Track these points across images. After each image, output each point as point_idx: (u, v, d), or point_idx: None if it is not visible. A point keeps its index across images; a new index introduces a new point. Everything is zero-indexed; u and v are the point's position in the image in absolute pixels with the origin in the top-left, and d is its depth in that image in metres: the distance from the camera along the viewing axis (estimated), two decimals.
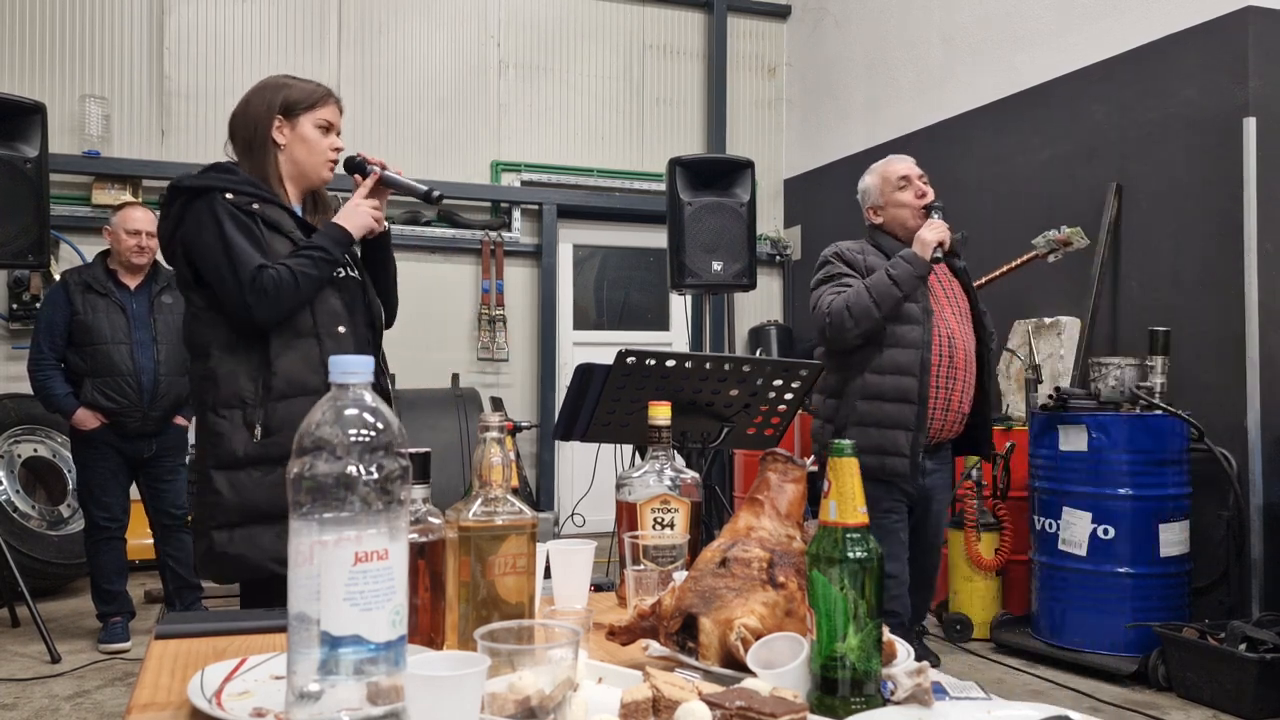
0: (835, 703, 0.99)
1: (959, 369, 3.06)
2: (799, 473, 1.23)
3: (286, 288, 1.98)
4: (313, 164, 2.13)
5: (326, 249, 2.05)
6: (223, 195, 2.01)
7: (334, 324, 2.07)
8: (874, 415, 3.01)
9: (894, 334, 2.99)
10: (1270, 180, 4.06)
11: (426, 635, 1.17)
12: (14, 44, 5.77)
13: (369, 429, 0.81)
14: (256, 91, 2.14)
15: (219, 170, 2.09)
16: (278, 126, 2.10)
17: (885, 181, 3.16)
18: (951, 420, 3.09)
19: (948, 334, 3.04)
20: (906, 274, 2.95)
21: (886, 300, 2.94)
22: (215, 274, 2.00)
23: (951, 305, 3.11)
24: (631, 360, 2.40)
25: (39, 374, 4.04)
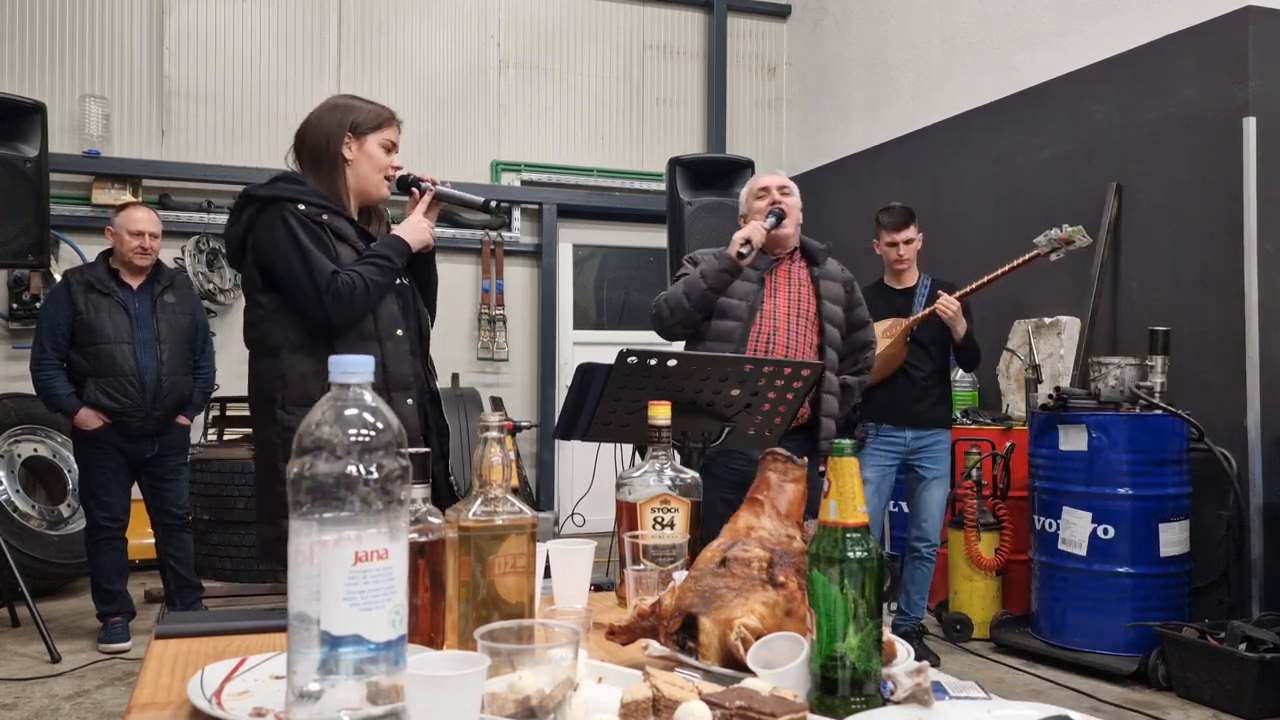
0: (835, 702, 0.99)
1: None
2: (799, 472, 1.23)
3: (359, 292, 2.14)
4: (375, 181, 2.28)
5: (390, 258, 2.21)
6: (295, 205, 2.15)
7: (393, 327, 2.22)
8: None
9: (714, 328, 3.12)
10: (1270, 180, 4.06)
11: (426, 635, 1.17)
12: (14, 44, 5.77)
13: (369, 429, 0.81)
14: (329, 110, 2.28)
15: (288, 181, 2.21)
16: (347, 143, 2.24)
17: (749, 192, 3.34)
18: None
19: (769, 331, 3.13)
20: (711, 267, 3.10)
21: (694, 291, 3.09)
22: (290, 279, 2.14)
23: (790, 305, 3.19)
24: (633, 360, 2.40)
25: (41, 374, 4.04)
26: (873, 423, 4.17)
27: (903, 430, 4.13)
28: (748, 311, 3.12)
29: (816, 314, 3.22)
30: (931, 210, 5.86)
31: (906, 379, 4.10)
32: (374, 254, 2.20)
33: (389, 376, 2.19)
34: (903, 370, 4.10)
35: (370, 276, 2.16)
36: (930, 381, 4.12)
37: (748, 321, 3.10)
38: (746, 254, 3.07)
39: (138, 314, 4.11)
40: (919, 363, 4.09)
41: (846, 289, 3.30)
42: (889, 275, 4.30)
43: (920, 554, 4.17)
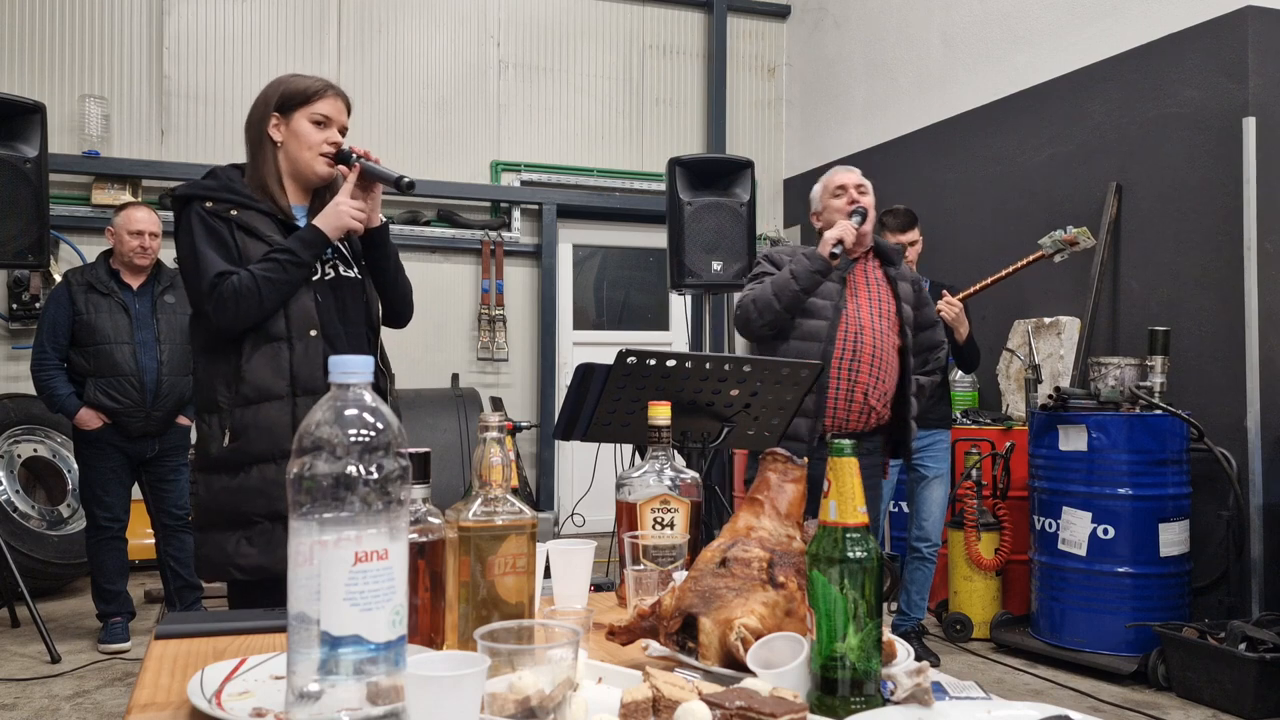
0: (835, 703, 0.99)
1: (864, 363, 3.14)
2: (799, 472, 1.23)
3: (247, 295, 1.97)
4: (305, 159, 2.10)
5: (295, 252, 2.02)
6: (201, 203, 2.04)
7: (307, 327, 2.05)
8: None
9: (801, 327, 3.14)
10: (1270, 180, 4.06)
11: (426, 635, 1.17)
12: (14, 44, 5.77)
13: (369, 429, 0.81)
14: (262, 92, 2.15)
15: (208, 177, 2.11)
16: (274, 124, 2.10)
17: (825, 189, 3.33)
18: (856, 411, 3.16)
19: (855, 330, 3.14)
20: (803, 268, 3.10)
21: (784, 292, 3.10)
22: (186, 281, 2.05)
23: (872, 305, 3.22)
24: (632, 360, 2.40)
25: (42, 374, 4.04)
26: None
27: None
28: (833, 312, 3.13)
29: (896, 314, 3.25)
30: (931, 211, 5.86)
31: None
32: (277, 249, 2.02)
33: (296, 381, 2.01)
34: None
35: (266, 275, 1.98)
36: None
37: (834, 322, 3.12)
38: (839, 254, 3.07)
39: (138, 314, 4.11)
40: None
41: (915, 289, 3.34)
42: None
43: (921, 554, 4.17)
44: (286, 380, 2.02)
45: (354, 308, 2.15)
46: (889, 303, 3.27)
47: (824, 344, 3.11)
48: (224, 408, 2.01)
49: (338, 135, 2.13)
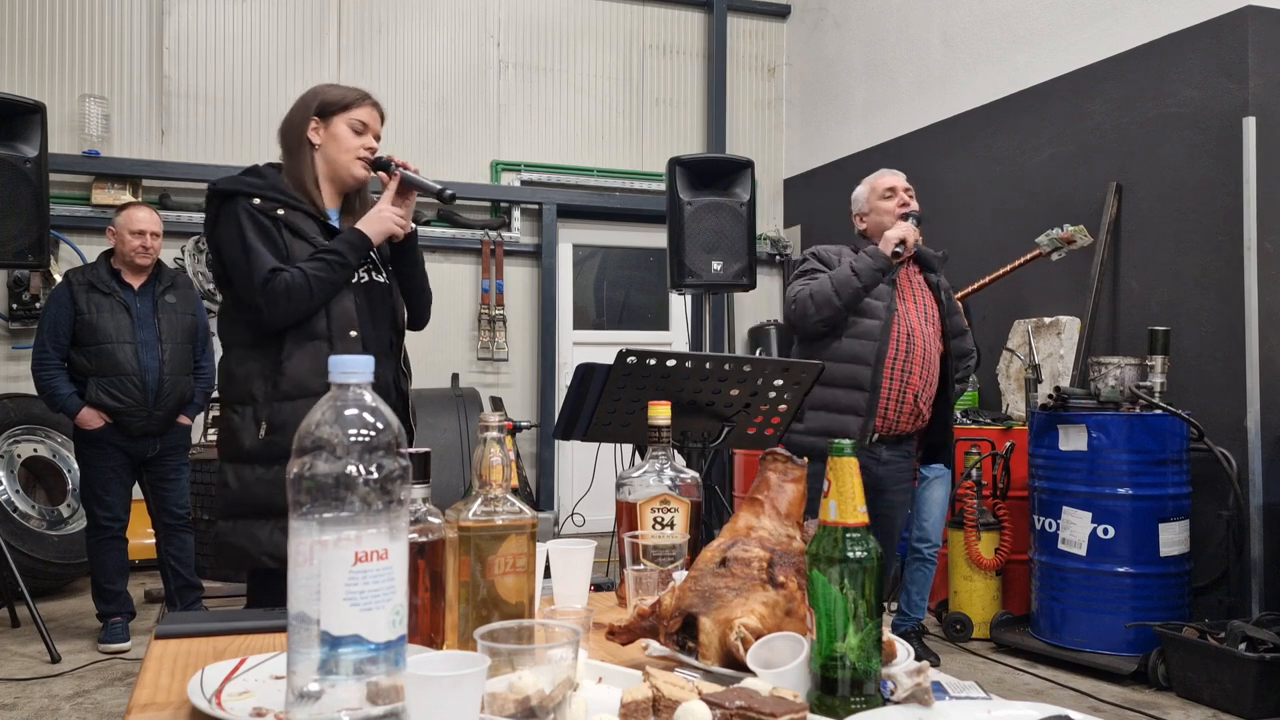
0: (835, 702, 0.99)
1: (915, 365, 3.20)
2: (799, 472, 1.23)
3: (298, 291, 2.04)
4: (343, 162, 2.19)
5: (342, 253, 2.10)
6: (249, 200, 2.10)
7: (346, 327, 2.12)
8: (826, 400, 3.15)
9: (855, 325, 3.16)
10: (1270, 180, 4.06)
11: (426, 635, 1.17)
12: (14, 44, 5.77)
13: (369, 429, 0.81)
14: (300, 98, 2.24)
15: (251, 174, 2.18)
16: (313, 128, 2.19)
17: (873, 191, 3.34)
18: (906, 413, 3.22)
19: (907, 331, 3.19)
20: (865, 266, 3.11)
21: (845, 289, 3.10)
22: (236, 275, 2.10)
23: (919, 310, 3.28)
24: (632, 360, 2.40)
25: (43, 374, 4.04)
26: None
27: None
28: (886, 312, 3.17)
29: (939, 319, 3.32)
30: (931, 210, 5.84)
31: None
32: (325, 249, 2.10)
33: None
34: None
35: (315, 273, 2.06)
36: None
37: (887, 322, 3.16)
38: (902, 254, 3.11)
39: (139, 314, 4.11)
40: None
41: (947, 296, 3.40)
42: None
43: (921, 554, 4.17)
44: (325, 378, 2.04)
45: (381, 311, 2.24)
46: (932, 308, 3.32)
47: (878, 343, 3.14)
48: (260, 401, 2.08)
49: (374, 141, 2.24)
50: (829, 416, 3.17)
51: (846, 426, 3.13)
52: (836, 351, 3.18)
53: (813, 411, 3.16)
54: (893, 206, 3.28)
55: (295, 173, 2.19)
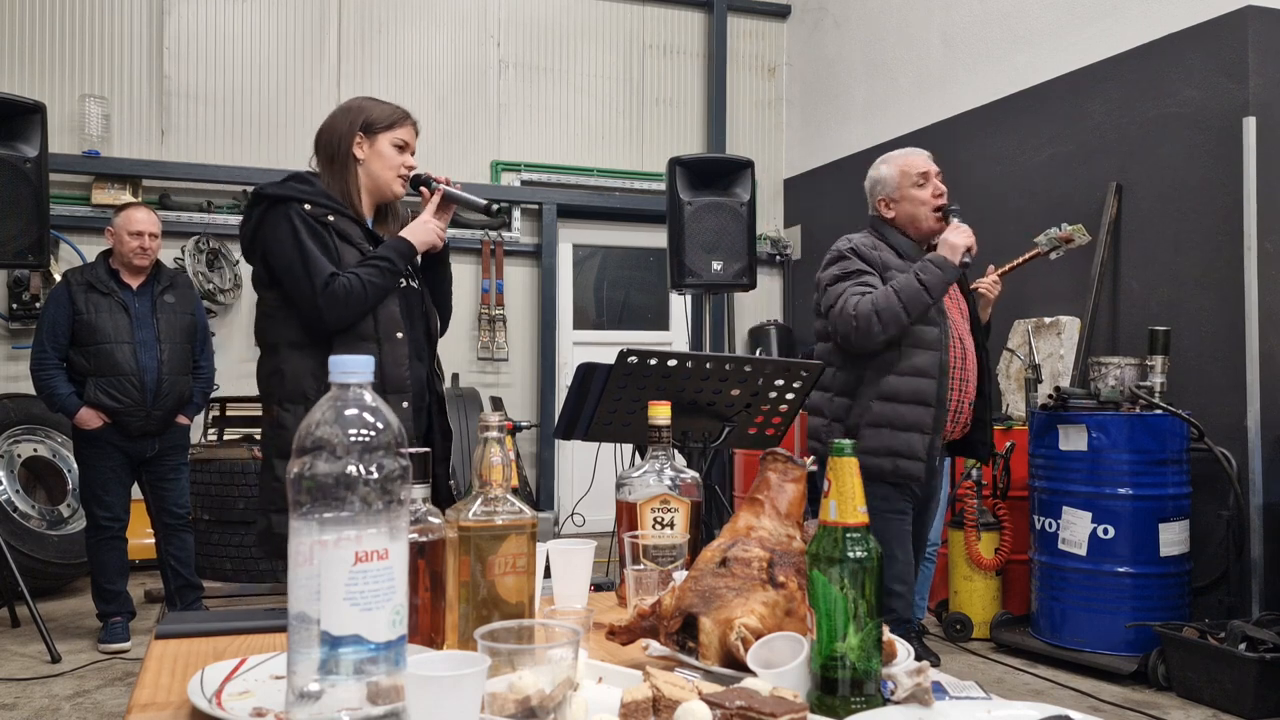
0: (835, 702, 0.99)
1: (969, 370, 3.04)
2: (799, 472, 1.23)
3: (355, 295, 2.15)
4: (387, 179, 2.31)
5: (392, 260, 2.22)
6: (301, 205, 2.19)
7: (393, 330, 2.23)
8: (889, 417, 2.94)
9: (913, 335, 2.93)
10: (1270, 180, 4.06)
11: (426, 635, 1.17)
12: (14, 44, 5.77)
13: (369, 429, 0.81)
14: (343, 110, 2.32)
15: (299, 181, 2.25)
16: (358, 143, 2.28)
17: (904, 175, 3.08)
18: (960, 422, 3.07)
19: (958, 335, 3.01)
20: (937, 280, 2.87)
21: (916, 306, 2.87)
22: (290, 278, 2.17)
23: (956, 307, 3.09)
24: (633, 360, 2.40)
25: (42, 373, 4.04)
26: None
27: None
28: (939, 316, 2.96)
29: (971, 314, 3.13)
30: None
31: None
32: (377, 256, 2.22)
33: (385, 379, 2.22)
34: None
35: (369, 279, 2.18)
36: None
37: (942, 328, 2.96)
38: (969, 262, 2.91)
39: (138, 314, 4.11)
40: None
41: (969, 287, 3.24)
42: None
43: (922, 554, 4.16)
44: (379, 379, 2.21)
45: (418, 316, 2.35)
46: (962, 302, 3.14)
47: (940, 353, 2.93)
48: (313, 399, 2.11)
49: (412, 159, 2.36)
50: (892, 435, 2.94)
51: (911, 445, 2.92)
52: (899, 365, 2.95)
53: (872, 429, 2.95)
54: (927, 197, 3.02)
55: (341, 184, 2.27)
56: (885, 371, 2.95)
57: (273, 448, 2.21)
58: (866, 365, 2.99)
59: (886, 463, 2.93)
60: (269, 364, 2.25)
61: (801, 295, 7.18)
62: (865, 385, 3.00)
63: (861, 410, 2.98)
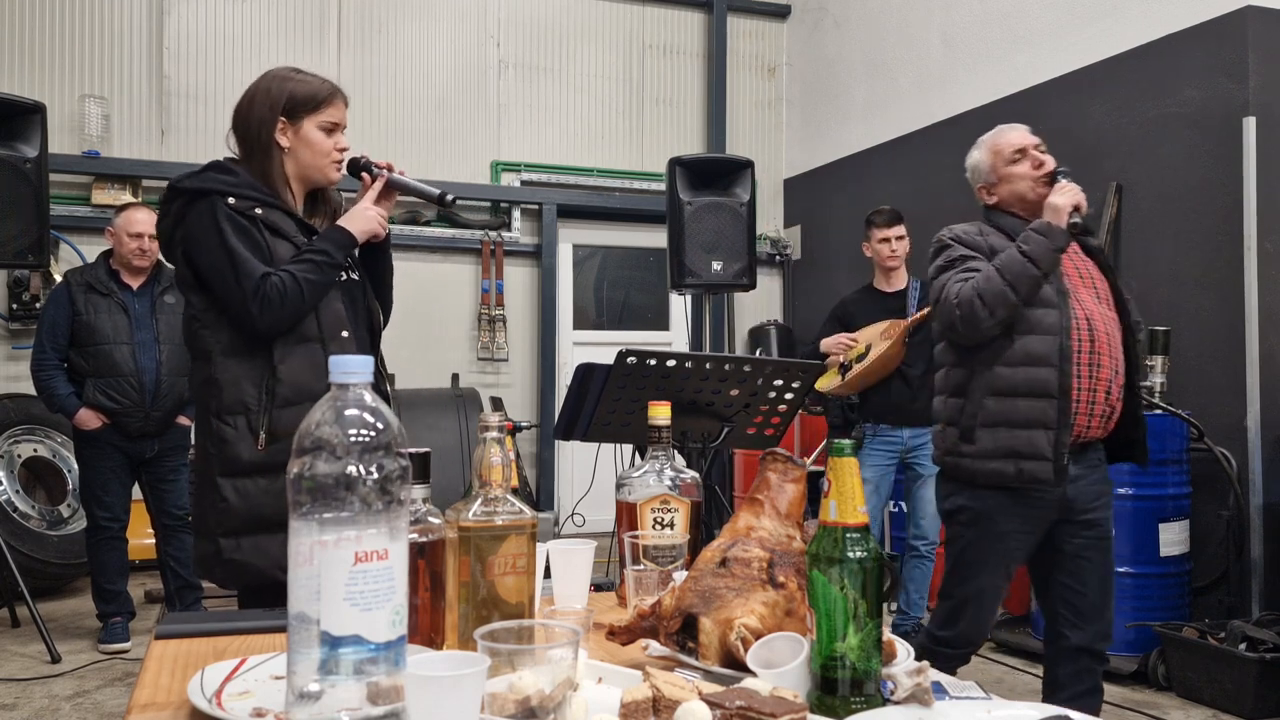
0: (835, 702, 0.99)
1: (1102, 356, 2.60)
2: (799, 473, 1.23)
3: (291, 295, 1.94)
4: (319, 165, 2.08)
5: (329, 253, 2.01)
6: (224, 199, 1.97)
7: (338, 328, 2.03)
8: (1005, 414, 2.58)
9: (1026, 320, 2.58)
10: (1270, 180, 4.06)
11: (426, 635, 1.17)
12: (14, 44, 5.77)
13: (369, 429, 0.81)
14: (260, 90, 2.07)
15: (219, 170, 2.04)
16: (281, 129, 2.05)
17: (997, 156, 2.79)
18: (1098, 415, 2.62)
19: (1085, 316, 2.59)
20: (1042, 248, 2.52)
21: (1023, 281, 2.52)
22: (219, 280, 1.96)
23: (1088, 286, 2.68)
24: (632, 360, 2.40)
25: (41, 374, 4.04)
26: (870, 423, 4.18)
27: (900, 430, 4.15)
28: (1059, 296, 2.58)
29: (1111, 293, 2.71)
30: (931, 210, 5.85)
31: (901, 379, 4.12)
32: (312, 250, 1.99)
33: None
34: (898, 371, 4.11)
35: (305, 276, 1.96)
36: (924, 380, 4.14)
37: (1064, 309, 2.57)
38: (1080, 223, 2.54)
39: (137, 315, 4.11)
40: (912, 362, 4.11)
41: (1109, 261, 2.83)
42: (879, 278, 4.34)
43: (919, 553, 4.17)
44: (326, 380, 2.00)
45: (360, 310, 2.14)
46: (1101, 280, 2.71)
47: (1060, 337, 2.55)
48: (254, 409, 1.95)
49: (344, 140, 2.11)
50: (1010, 434, 2.56)
51: (1034, 444, 2.54)
52: (1010, 355, 2.59)
53: (987, 430, 2.59)
54: (1028, 170, 2.70)
55: (264, 174, 2.05)
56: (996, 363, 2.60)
57: (216, 465, 1.96)
58: (976, 359, 2.65)
59: (1008, 466, 2.56)
60: (201, 372, 2.02)
61: (801, 295, 7.19)
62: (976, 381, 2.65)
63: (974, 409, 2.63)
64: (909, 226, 4.44)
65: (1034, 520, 2.60)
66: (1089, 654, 2.65)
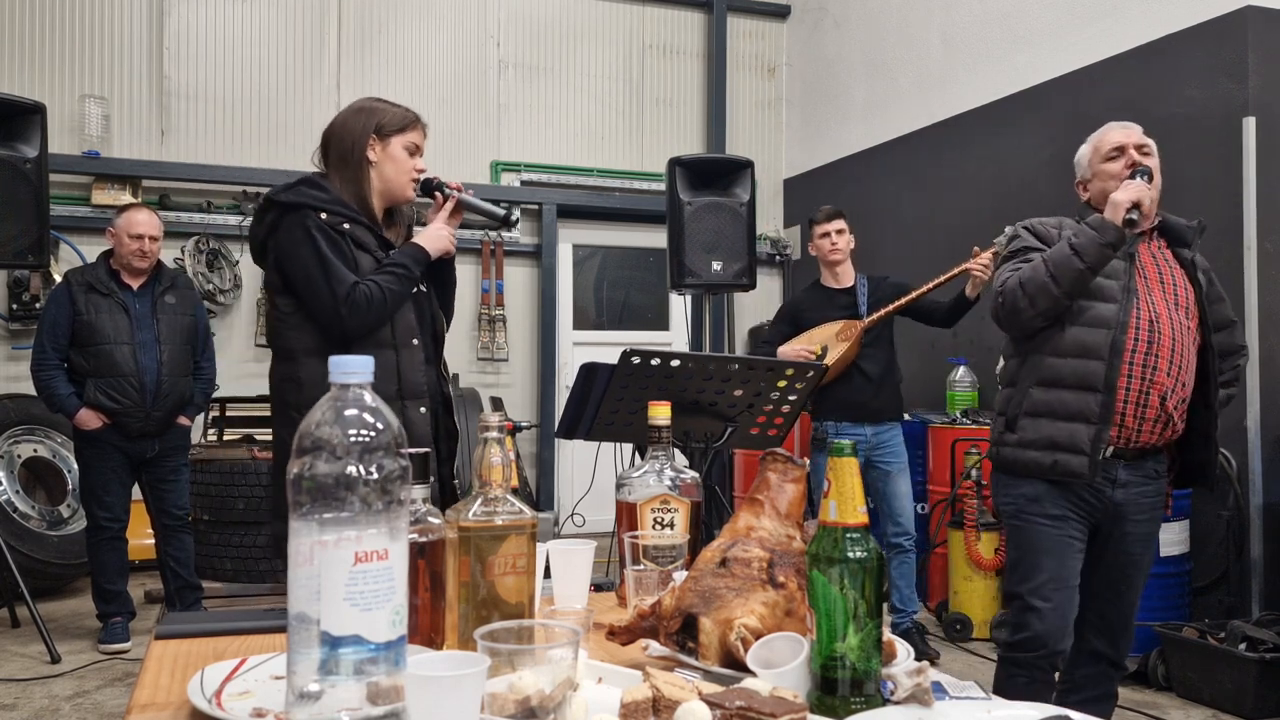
0: (835, 702, 0.99)
1: (1162, 359, 2.48)
2: (799, 472, 1.23)
3: (376, 302, 2.16)
4: (400, 183, 2.29)
5: (409, 267, 2.23)
6: (316, 214, 2.17)
7: (409, 336, 2.24)
8: (1049, 404, 2.53)
9: (1083, 311, 2.51)
10: (1270, 180, 4.06)
11: (426, 635, 1.17)
12: (14, 44, 5.77)
13: (369, 429, 0.81)
14: (354, 112, 2.29)
15: (311, 186, 2.22)
16: (371, 145, 2.25)
17: (1095, 151, 2.75)
18: (1150, 419, 2.49)
19: (1150, 317, 2.49)
20: (1089, 241, 2.45)
21: (1066, 273, 2.45)
22: (309, 287, 2.16)
23: (1165, 291, 2.56)
24: (636, 360, 2.40)
25: (42, 374, 4.04)
26: (832, 421, 4.17)
27: (862, 426, 4.14)
28: (1122, 293, 2.50)
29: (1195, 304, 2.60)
30: (931, 210, 5.86)
31: (861, 376, 4.12)
32: (393, 263, 2.22)
33: (404, 385, 2.22)
34: (855, 367, 4.11)
35: (388, 286, 2.18)
36: (883, 376, 4.16)
37: (1125, 305, 2.49)
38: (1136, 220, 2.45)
39: (138, 315, 4.11)
40: (870, 359, 4.12)
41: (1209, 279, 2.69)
42: (825, 275, 4.34)
43: (901, 548, 4.16)
44: (396, 384, 2.22)
45: (427, 321, 2.36)
46: (1185, 289, 2.60)
47: (1114, 331, 2.47)
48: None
49: (423, 163, 2.34)
50: (1053, 425, 2.51)
51: (1074, 436, 2.48)
52: (1060, 345, 2.53)
53: (1030, 419, 2.54)
54: (1119, 169, 2.61)
55: (355, 187, 2.26)
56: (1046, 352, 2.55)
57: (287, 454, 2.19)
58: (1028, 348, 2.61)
59: (1045, 457, 2.51)
60: (283, 370, 2.24)
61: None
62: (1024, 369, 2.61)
63: (1021, 397, 2.59)
64: (908, 227, 4.44)
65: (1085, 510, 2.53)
66: (1109, 660, 2.65)
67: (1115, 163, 2.65)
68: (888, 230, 5.99)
